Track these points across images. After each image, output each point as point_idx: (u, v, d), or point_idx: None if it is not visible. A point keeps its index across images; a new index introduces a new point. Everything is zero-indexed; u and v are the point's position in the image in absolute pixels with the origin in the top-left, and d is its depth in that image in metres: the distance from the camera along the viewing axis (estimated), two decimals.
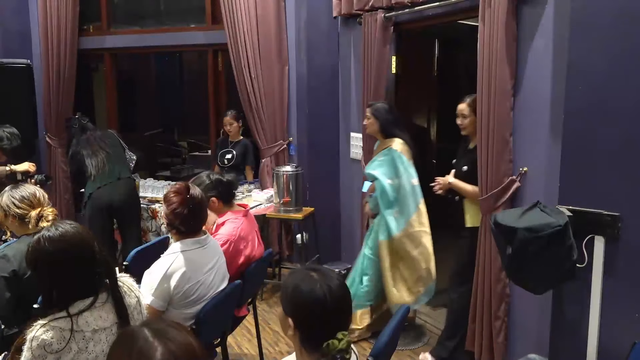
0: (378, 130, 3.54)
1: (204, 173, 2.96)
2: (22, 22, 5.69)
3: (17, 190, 2.48)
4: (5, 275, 2.24)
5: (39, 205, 2.44)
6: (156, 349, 1.06)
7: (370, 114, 3.56)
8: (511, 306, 3.07)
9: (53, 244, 1.74)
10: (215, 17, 5.23)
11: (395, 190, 3.38)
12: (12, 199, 2.44)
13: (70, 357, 1.70)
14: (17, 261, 2.27)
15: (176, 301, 2.27)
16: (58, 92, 5.56)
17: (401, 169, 3.38)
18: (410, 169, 3.40)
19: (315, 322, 1.41)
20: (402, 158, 3.39)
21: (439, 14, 3.59)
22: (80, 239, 1.78)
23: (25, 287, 2.23)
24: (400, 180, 3.38)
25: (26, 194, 2.45)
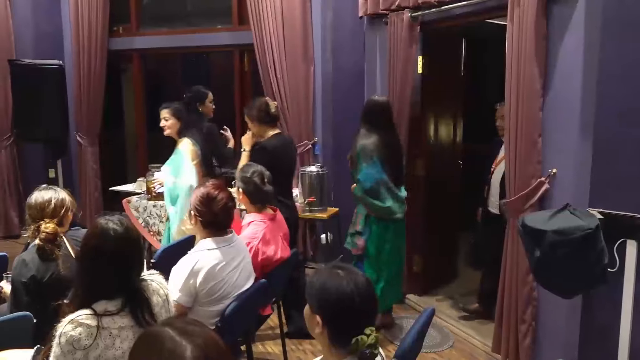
0: (178, 131, 3.71)
1: (258, 167, 2.96)
2: (54, 24, 5.84)
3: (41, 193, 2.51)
4: (24, 281, 2.30)
5: (41, 218, 2.42)
6: (186, 347, 1.06)
7: (171, 114, 3.70)
8: (538, 310, 3.01)
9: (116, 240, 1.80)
10: (242, 17, 5.28)
11: (175, 188, 3.59)
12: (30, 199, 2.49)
13: (98, 354, 1.73)
14: (35, 266, 2.32)
15: (201, 298, 2.30)
16: (88, 92, 5.69)
17: (182, 169, 3.56)
18: (189, 169, 3.54)
19: (344, 318, 1.42)
20: (184, 158, 3.56)
21: (467, 13, 3.55)
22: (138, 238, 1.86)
23: (47, 289, 2.28)
24: (179, 180, 3.56)
25: (40, 201, 2.46)
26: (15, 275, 2.34)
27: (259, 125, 3.48)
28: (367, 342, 1.37)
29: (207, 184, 2.45)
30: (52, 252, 2.33)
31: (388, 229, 3.49)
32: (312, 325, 1.46)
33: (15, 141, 5.68)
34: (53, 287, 2.17)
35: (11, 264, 2.96)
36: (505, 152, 3.02)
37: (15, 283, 2.34)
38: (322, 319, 1.43)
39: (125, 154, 6.82)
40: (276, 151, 3.41)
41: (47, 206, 2.44)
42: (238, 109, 5.54)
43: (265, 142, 3.46)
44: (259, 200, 2.92)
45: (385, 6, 4.00)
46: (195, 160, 3.62)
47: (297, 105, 4.75)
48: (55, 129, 5.23)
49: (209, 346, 1.09)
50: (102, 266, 1.81)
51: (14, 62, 5.27)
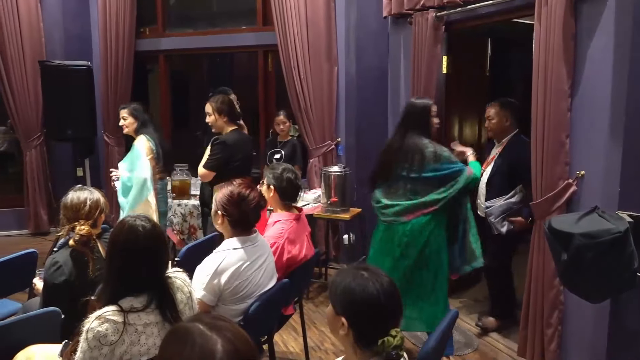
0: (135, 129, 3.92)
1: (286, 165, 3.03)
2: (83, 25, 5.96)
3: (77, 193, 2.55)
4: (57, 283, 2.34)
5: (76, 219, 2.45)
6: (216, 341, 1.08)
7: (129, 114, 3.94)
8: (565, 314, 2.96)
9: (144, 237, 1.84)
10: (266, 18, 5.31)
11: (129, 181, 3.80)
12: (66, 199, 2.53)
13: (124, 349, 1.76)
14: (69, 269, 2.35)
15: (225, 297, 2.31)
16: (116, 92, 5.79)
17: (137, 164, 3.78)
18: (144, 164, 3.77)
19: (369, 319, 1.42)
20: (139, 154, 3.79)
21: (493, 13, 3.51)
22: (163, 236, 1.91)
23: (77, 289, 2.32)
24: (135, 173, 3.77)
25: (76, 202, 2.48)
26: (48, 276, 2.37)
27: (223, 119, 3.68)
28: (393, 343, 1.37)
29: (235, 182, 2.43)
30: (85, 255, 2.37)
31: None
32: (336, 326, 1.46)
33: (44, 140, 5.81)
34: (84, 289, 2.21)
35: (41, 260, 3.04)
36: (532, 153, 2.97)
37: (47, 284, 2.38)
38: (348, 320, 1.42)
39: None
40: (235, 146, 3.63)
41: (82, 207, 2.45)
42: (262, 109, 5.58)
43: (225, 136, 3.65)
44: (290, 197, 2.95)
45: (409, 6, 3.98)
46: (150, 156, 3.84)
47: (321, 105, 4.76)
48: (83, 129, 5.34)
49: (239, 340, 1.10)
50: (129, 263, 1.84)
51: (44, 63, 5.39)
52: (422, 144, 2.99)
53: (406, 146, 3.02)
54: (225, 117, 3.68)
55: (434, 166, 2.96)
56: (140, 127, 3.96)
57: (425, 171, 2.97)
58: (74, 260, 2.34)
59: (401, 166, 3.03)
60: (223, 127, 3.71)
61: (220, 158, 3.60)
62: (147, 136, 3.90)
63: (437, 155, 2.96)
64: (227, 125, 3.71)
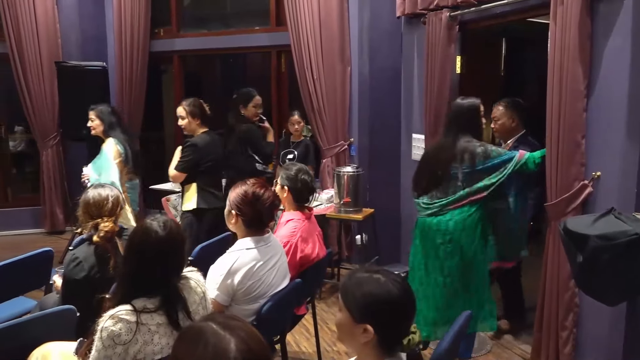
0: (103, 131, 4.01)
1: (300, 165, 3.06)
2: (98, 26, 6.03)
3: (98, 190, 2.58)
4: (77, 279, 2.36)
5: (99, 216, 2.48)
6: (229, 340, 1.08)
7: (95, 116, 4.02)
8: (580, 317, 2.93)
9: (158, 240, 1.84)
10: (280, 19, 5.32)
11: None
12: (87, 197, 2.55)
13: (137, 349, 1.78)
14: (89, 265, 2.38)
15: (238, 297, 2.32)
16: (130, 92, 5.84)
17: (105, 166, 3.86)
18: (112, 167, 3.84)
19: (397, 322, 1.42)
20: (107, 157, 3.88)
21: (507, 12, 3.48)
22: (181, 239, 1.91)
23: (96, 286, 2.35)
24: (102, 177, 3.81)
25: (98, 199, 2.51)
26: (67, 272, 2.40)
27: (196, 122, 3.79)
28: (417, 340, 1.38)
29: (249, 182, 2.43)
30: (109, 251, 2.39)
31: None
32: (354, 334, 1.43)
33: (60, 140, 5.88)
34: (102, 285, 2.23)
35: (56, 259, 3.08)
36: (547, 154, 2.94)
37: (67, 280, 2.41)
38: (373, 326, 1.40)
39: (165, 154, 6.97)
40: (206, 147, 3.74)
41: (105, 204, 2.49)
42: (275, 110, 5.59)
43: (196, 139, 3.75)
44: (304, 198, 2.96)
45: (423, 6, 3.96)
46: (118, 159, 3.92)
47: (334, 106, 4.75)
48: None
49: (252, 339, 1.10)
50: (144, 264, 1.85)
51: (60, 64, 5.46)
52: (472, 145, 2.97)
53: (457, 150, 2.98)
54: (197, 120, 3.80)
55: (484, 161, 2.95)
56: (107, 129, 4.04)
57: (477, 166, 2.95)
58: (97, 256, 2.37)
59: (453, 168, 3.00)
60: (195, 130, 3.81)
61: (191, 160, 3.69)
62: (115, 139, 3.98)
63: (487, 153, 2.96)
64: (198, 127, 3.82)
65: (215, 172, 3.89)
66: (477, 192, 2.96)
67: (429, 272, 3.07)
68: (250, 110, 4.41)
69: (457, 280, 3.01)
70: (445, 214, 3.00)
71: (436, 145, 3.19)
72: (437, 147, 3.16)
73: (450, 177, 3.02)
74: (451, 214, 2.99)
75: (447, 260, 3.01)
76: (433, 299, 3.06)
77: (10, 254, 2.98)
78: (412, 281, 3.15)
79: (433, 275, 3.06)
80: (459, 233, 2.98)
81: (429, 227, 3.06)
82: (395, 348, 1.41)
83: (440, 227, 3.01)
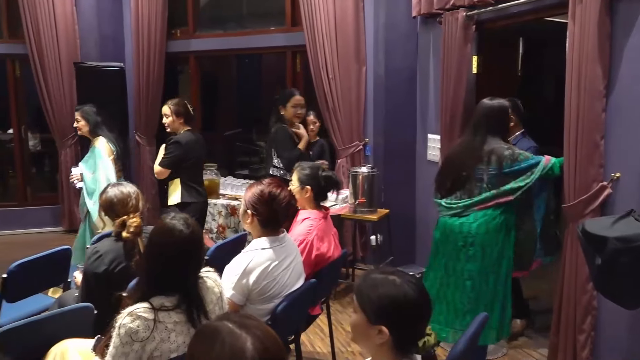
0: (89, 131, 4.13)
1: (312, 163, 3.11)
2: (117, 28, 6.09)
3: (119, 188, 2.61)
4: (98, 272, 2.40)
5: (125, 212, 2.51)
6: (246, 339, 1.08)
7: (81, 116, 4.13)
8: (598, 320, 2.89)
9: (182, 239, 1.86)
10: (295, 19, 5.33)
11: (94, 182, 3.99)
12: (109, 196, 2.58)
13: (154, 346, 1.79)
14: (109, 259, 2.41)
15: (253, 297, 2.33)
16: (147, 93, 5.89)
17: (99, 164, 4.00)
18: (107, 165, 4.01)
19: (412, 323, 1.42)
20: (100, 155, 4.03)
21: (525, 11, 3.45)
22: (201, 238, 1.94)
23: (114, 281, 2.38)
24: (97, 174, 3.99)
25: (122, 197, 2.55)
26: (88, 265, 2.44)
27: (180, 120, 3.90)
28: (432, 342, 1.38)
29: (265, 181, 2.43)
30: (136, 247, 2.42)
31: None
32: (369, 335, 1.43)
33: (79, 140, 5.95)
34: (122, 281, 2.26)
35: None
36: (565, 155, 2.91)
37: (87, 273, 2.45)
38: (389, 328, 1.40)
39: None
40: (189, 145, 3.84)
41: (129, 201, 2.54)
42: None
43: (179, 136, 3.87)
44: (322, 197, 2.96)
45: (439, 5, 3.94)
46: (111, 156, 4.07)
47: (349, 106, 4.75)
48: (116, 128, 5.44)
49: (268, 338, 1.11)
50: (167, 263, 1.87)
51: (79, 64, 5.53)
52: (500, 148, 2.93)
53: (485, 152, 2.93)
54: (181, 119, 3.91)
55: (511, 165, 2.91)
56: (93, 128, 4.15)
57: (504, 169, 2.91)
58: (125, 252, 2.40)
59: (479, 169, 2.96)
60: (178, 128, 3.92)
61: (175, 156, 3.80)
62: (106, 138, 4.12)
63: (514, 156, 2.92)
64: (182, 126, 3.92)
65: (198, 169, 4.04)
66: (504, 194, 2.92)
67: (449, 274, 3.04)
68: (289, 111, 4.12)
69: (479, 284, 2.97)
70: (468, 215, 2.96)
71: (462, 146, 3.12)
72: (463, 147, 3.10)
73: (475, 178, 2.98)
74: (475, 215, 2.95)
75: (468, 264, 2.97)
76: (453, 302, 3.02)
77: (29, 252, 3.03)
78: (431, 281, 3.12)
79: (453, 277, 3.02)
80: (482, 236, 2.94)
81: (451, 229, 3.01)
82: (411, 349, 1.41)
83: (463, 229, 2.97)
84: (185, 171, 3.87)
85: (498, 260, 2.97)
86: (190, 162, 3.87)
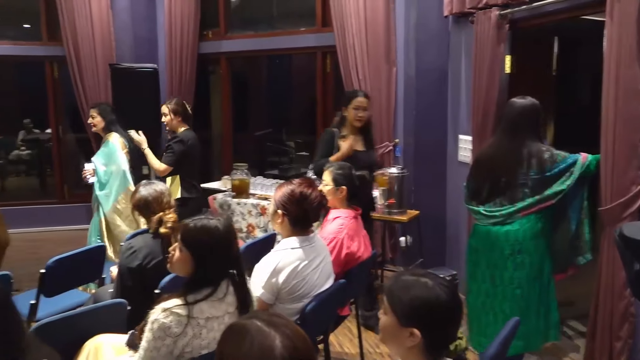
0: (103, 128, 4.27)
1: (343, 163, 3.11)
2: (151, 29, 6.21)
3: (152, 186, 2.68)
4: (131, 267, 2.45)
5: (161, 210, 2.58)
6: (274, 337, 1.09)
7: (97, 113, 4.27)
8: (636, 326, 2.81)
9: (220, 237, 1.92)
10: (325, 19, 5.34)
11: (107, 174, 4.15)
12: (142, 195, 2.64)
13: (186, 342, 1.82)
14: (143, 254, 2.46)
15: (283, 296, 2.34)
16: (179, 93, 5.98)
17: (114, 157, 4.16)
18: (122, 157, 4.18)
19: (444, 326, 1.41)
20: (115, 148, 4.18)
21: (561, 10, 3.37)
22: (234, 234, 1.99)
23: (148, 276, 2.42)
24: (111, 167, 4.15)
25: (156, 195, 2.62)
26: (122, 260, 2.51)
27: (178, 119, 4.12)
28: (463, 345, 1.37)
29: (295, 181, 2.44)
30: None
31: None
32: (400, 338, 1.42)
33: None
34: (154, 276, 2.31)
35: None
36: (602, 157, 2.83)
37: (122, 269, 2.51)
38: (421, 330, 1.39)
39: (212, 153, 7.12)
40: (190, 142, 4.08)
41: (163, 198, 2.63)
42: (320, 111, 5.61)
43: (182, 135, 4.08)
44: (354, 196, 2.96)
45: (472, 4, 3.89)
46: (125, 150, 4.23)
47: (379, 106, 4.73)
48: (149, 128, 5.55)
49: (297, 337, 1.11)
50: (198, 260, 1.91)
51: (114, 65, 5.65)
52: (539, 149, 2.83)
53: (524, 155, 2.83)
54: (179, 118, 4.12)
55: (551, 167, 2.82)
56: (108, 125, 4.28)
57: (545, 172, 2.82)
58: (163, 246, 2.46)
59: (520, 174, 2.84)
60: (176, 127, 4.13)
61: (179, 153, 4.00)
62: (119, 133, 4.26)
63: (553, 157, 2.82)
64: (180, 125, 4.14)
65: (196, 166, 4.26)
66: (547, 199, 2.82)
67: (495, 284, 2.91)
68: (350, 113, 3.79)
69: (527, 292, 2.87)
70: (512, 222, 2.85)
71: (497, 149, 2.96)
72: (498, 151, 2.94)
73: (516, 183, 2.86)
74: (520, 222, 2.85)
75: (516, 271, 2.86)
76: (502, 313, 2.90)
77: (66, 249, 3.11)
78: (475, 292, 2.99)
79: (501, 287, 2.90)
80: (528, 242, 2.84)
81: (496, 237, 2.89)
82: (442, 353, 1.40)
83: (509, 237, 2.86)
84: (186, 168, 4.06)
85: (541, 264, 2.89)
86: (191, 159, 4.09)
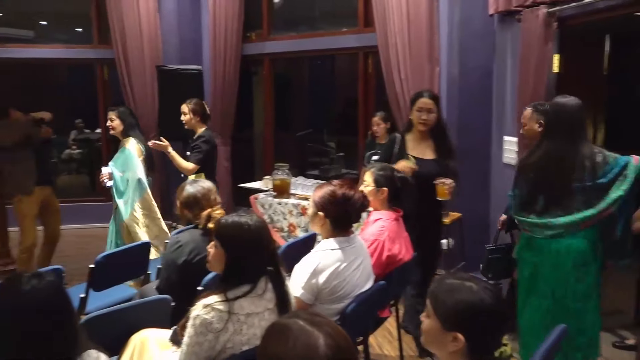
0: (122, 132, 4.16)
1: (384, 164, 3.09)
2: (195, 31, 6.35)
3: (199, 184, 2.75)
4: (177, 262, 2.51)
5: (209, 206, 2.66)
6: (318, 336, 1.09)
7: (116, 116, 4.16)
8: None
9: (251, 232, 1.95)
10: (367, 19, 5.32)
11: (124, 182, 4.06)
12: (191, 193, 2.71)
13: (227, 338, 1.85)
14: (189, 249, 2.52)
15: (323, 296, 2.34)
16: (222, 94, 6.09)
17: (130, 164, 4.05)
18: (137, 165, 4.05)
19: (489, 331, 1.38)
20: (132, 155, 4.07)
21: (613, 6, 3.25)
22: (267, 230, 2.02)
23: (193, 272, 2.47)
24: (127, 174, 4.05)
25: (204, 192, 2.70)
26: (168, 254, 2.58)
27: (196, 119, 4.22)
28: (508, 352, 1.35)
29: (335, 182, 2.44)
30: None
31: None
32: (443, 342, 1.40)
33: (158, 139, 6.24)
34: (199, 272, 2.36)
35: None
36: None
37: (167, 262, 2.58)
38: (465, 335, 1.37)
39: (254, 153, 7.21)
40: (213, 142, 4.25)
41: (210, 194, 2.72)
42: (361, 111, 5.59)
43: (205, 134, 4.20)
44: (395, 198, 2.95)
45: (518, 2, 3.79)
46: (141, 157, 4.15)
47: None
48: None
49: (339, 336, 1.11)
50: (238, 256, 1.94)
51: (161, 67, 5.80)
52: (592, 153, 2.67)
53: (578, 159, 2.66)
54: (198, 117, 4.21)
55: (604, 171, 2.64)
56: (127, 129, 4.16)
57: (598, 177, 2.64)
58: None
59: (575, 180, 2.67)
60: (195, 126, 4.24)
61: (205, 152, 4.11)
62: (136, 139, 4.17)
63: (606, 159, 2.65)
64: (198, 124, 4.23)
65: (215, 163, 4.45)
66: (607, 208, 2.62)
67: (556, 299, 2.76)
68: (414, 115, 3.40)
69: (585, 305, 2.74)
70: (574, 234, 2.67)
71: (551, 154, 2.74)
72: (553, 156, 2.73)
73: (571, 191, 2.67)
74: (583, 235, 2.67)
75: (578, 284, 2.71)
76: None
77: None
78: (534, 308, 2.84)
79: (561, 302, 2.75)
80: (589, 254, 2.70)
81: (557, 252, 2.72)
82: (486, 359, 1.37)
83: (571, 251, 2.69)
84: (210, 166, 4.18)
85: (599, 274, 2.75)
86: (214, 158, 4.28)
